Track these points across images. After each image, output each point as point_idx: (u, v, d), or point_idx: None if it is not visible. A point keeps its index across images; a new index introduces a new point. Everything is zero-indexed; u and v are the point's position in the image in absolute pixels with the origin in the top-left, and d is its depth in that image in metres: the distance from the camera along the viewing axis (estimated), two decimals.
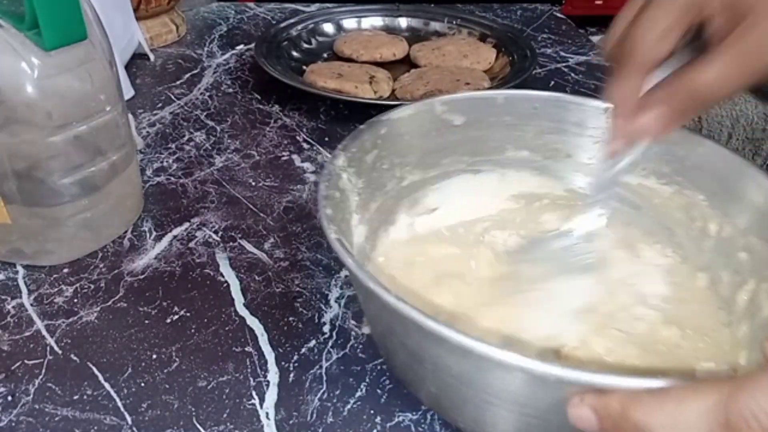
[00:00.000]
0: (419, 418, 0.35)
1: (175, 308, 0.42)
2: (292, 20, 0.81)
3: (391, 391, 0.37)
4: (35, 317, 0.41)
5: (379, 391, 0.37)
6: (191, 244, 0.47)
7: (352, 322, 0.41)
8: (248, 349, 0.39)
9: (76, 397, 0.36)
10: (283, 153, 0.60)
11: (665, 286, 0.38)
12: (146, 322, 0.41)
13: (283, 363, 0.38)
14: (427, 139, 0.41)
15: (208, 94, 0.70)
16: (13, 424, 0.34)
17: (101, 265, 0.45)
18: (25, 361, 0.38)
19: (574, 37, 0.89)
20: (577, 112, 0.41)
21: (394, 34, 0.83)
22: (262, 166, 0.58)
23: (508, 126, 0.42)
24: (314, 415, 0.35)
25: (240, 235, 0.49)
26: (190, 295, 0.43)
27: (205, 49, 0.82)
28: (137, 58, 0.77)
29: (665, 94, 0.31)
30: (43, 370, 0.37)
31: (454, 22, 0.85)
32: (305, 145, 0.61)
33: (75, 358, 0.38)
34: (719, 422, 0.21)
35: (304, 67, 0.73)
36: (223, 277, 0.45)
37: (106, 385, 0.36)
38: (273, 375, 0.37)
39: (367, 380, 0.37)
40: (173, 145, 0.60)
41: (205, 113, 0.66)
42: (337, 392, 0.36)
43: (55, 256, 0.45)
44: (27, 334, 0.40)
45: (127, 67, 0.73)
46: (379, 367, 0.38)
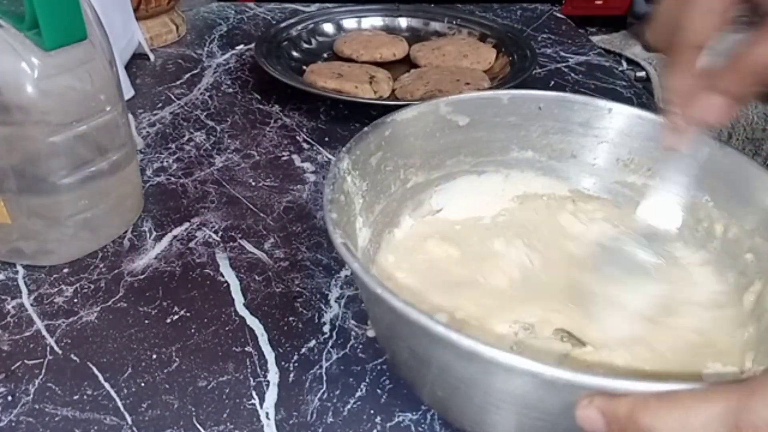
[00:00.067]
0: (419, 418, 0.35)
1: (175, 308, 0.42)
2: (292, 20, 0.81)
3: (391, 391, 0.37)
4: (35, 317, 0.41)
5: (379, 391, 0.37)
6: (191, 244, 0.47)
7: (352, 322, 0.41)
8: (248, 349, 0.39)
9: (76, 397, 0.36)
10: (283, 153, 0.60)
11: (665, 284, 0.38)
12: (146, 322, 0.41)
13: (283, 363, 0.38)
14: (432, 140, 0.40)
15: (208, 94, 0.70)
16: (13, 424, 0.34)
17: (101, 265, 0.45)
18: (25, 361, 0.38)
19: (574, 37, 0.89)
20: (582, 111, 0.41)
21: (394, 34, 0.83)
22: (262, 166, 0.58)
23: (512, 126, 0.42)
24: (314, 415, 0.35)
25: (240, 235, 0.49)
26: (190, 295, 0.43)
27: (205, 49, 0.82)
28: (137, 58, 0.77)
29: (726, 75, 0.29)
30: (43, 370, 0.37)
31: (454, 22, 0.85)
32: (305, 145, 0.61)
33: (75, 358, 0.38)
34: (728, 429, 0.20)
35: (304, 67, 0.73)
36: (223, 277, 0.45)
37: (106, 385, 0.36)
38: (273, 375, 0.37)
39: (367, 380, 0.37)
40: (173, 145, 0.60)
41: (205, 113, 0.66)
42: (337, 392, 0.36)
43: (55, 256, 0.45)
44: (27, 334, 0.40)
45: (127, 67, 0.73)
46: (379, 367, 0.38)
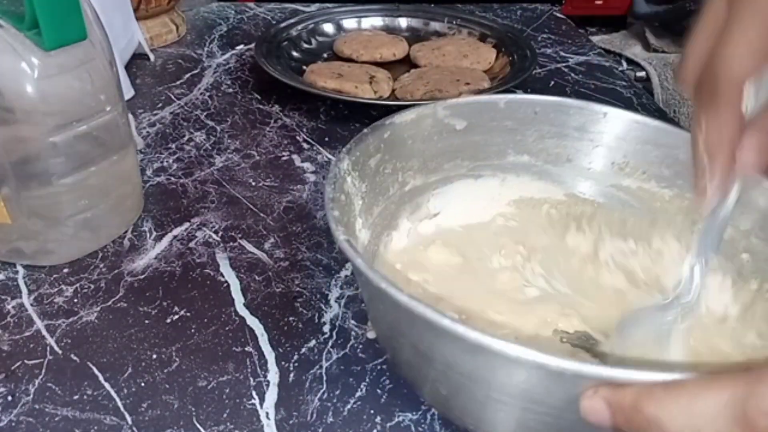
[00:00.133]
0: (419, 418, 0.35)
1: (175, 308, 0.42)
2: (292, 20, 0.81)
3: (391, 391, 0.37)
4: (35, 317, 0.41)
5: (379, 391, 0.37)
6: (191, 244, 0.47)
7: (352, 322, 0.41)
8: (248, 349, 0.39)
9: (76, 397, 0.36)
10: (283, 153, 0.60)
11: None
12: (146, 322, 0.41)
13: (283, 363, 0.38)
14: (430, 143, 0.41)
15: (208, 94, 0.70)
16: (13, 424, 0.34)
17: (101, 265, 0.45)
18: (25, 361, 0.38)
19: (574, 37, 0.89)
20: (578, 116, 0.41)
21: (394, 34, 0.83)
22: (262, 166, 0.58)
23: (509, 130, 0.42)
24: (314, 415, 0.35)
25: (240, 235, 0.49)
26: (190, 295, 0.43)
27: (205, 49, 0.82)
28: (137, 58, 0.77)
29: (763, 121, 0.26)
30: (43, 370, 0.37)
31: (454, 22, 0.85)
32: (305, 145, 0.61)
33: (75, 358, 0.38)
34: (735, 416, 0.20)
35: (304, 67, 0.73)
36: (223, 277, 0.45)
37: (106, 385, 0.36)
38: (273, 375, 0.37)
39: (367, 380, 0.37)
40: (173, 145, 0.60)
41: (205, 113, 0.66)
42: (337, 392, 0.36)
43: (55, 256, 0.45)
44: (27, 334, 0.40)
45: (127, 67, 0.73)
46: (379, 367, 0.38)
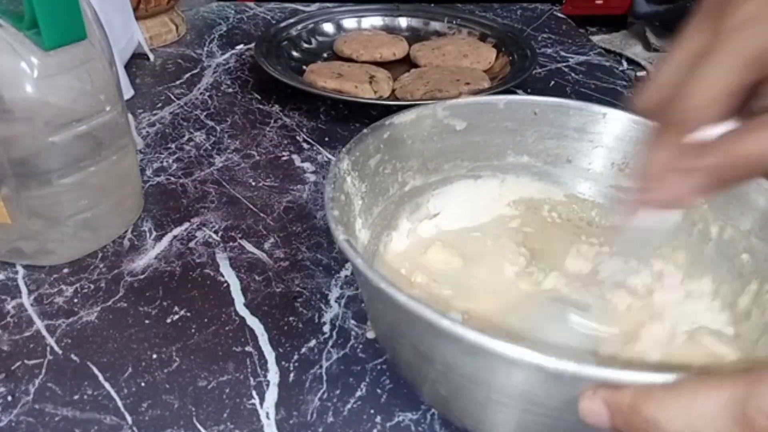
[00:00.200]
0: (419, 418, 0.35)
1: (175, 308, 0.42)
2: (292, 20, 0.81)
3: (391, 391, 0.37)
4: (35, 317, 0.41)
5: (379, 390, 0.37)
6: (191, 244, 0.47)
7: (352, 322, 0.41)
8: (248, 348, 0.39)
9: (76, 397, 0.36)
10: (283, 153, 0.60)
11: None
12: (146, 322, 0.41)
13: (283, 363, 0.38)
14: (430, 143, 0.41)
15: (208, 94, 0.70)
16: (13, 424, 0.34)
17: (101, 265, 0.45)
18: (25, 361, 0.38)
19: (574, 37, 0.89)
20: (578, 117, 0.41)
21: (394, 34, 0.83)
22: (262, 166, 0.58)
23: (508, 131, 0.42)
24: (314, 415, 0.35)
25: (240, 235, 0.49)
26: (190, 295, 0.43)
27: (205, 49, 0.82)
28: (137, 58, 0.77)
29: (702, 158, 0.26)
30: (43, 370, 0.37)
31: (454, 22, 0.85)
32: (305, 145, 0.61)
33: (75, 358, 0.38)
34: (735, 416, 0.20)
35: (304, 67, 0.73)
36: (223, 277, 0.45)
37: (106, 385, 0.36)
38: (273, 375, 0.37)
39: (367, 380, 0.37)
40: (173, 145, 0.60)
41: (205, 113, 0.66)
42: (337, 392, 0.36)
43: (55, 256, 0.45)
44: (27, 334, 0.40)
45: (127, 67, 0.73)
46: (379, 367, 0.38)
